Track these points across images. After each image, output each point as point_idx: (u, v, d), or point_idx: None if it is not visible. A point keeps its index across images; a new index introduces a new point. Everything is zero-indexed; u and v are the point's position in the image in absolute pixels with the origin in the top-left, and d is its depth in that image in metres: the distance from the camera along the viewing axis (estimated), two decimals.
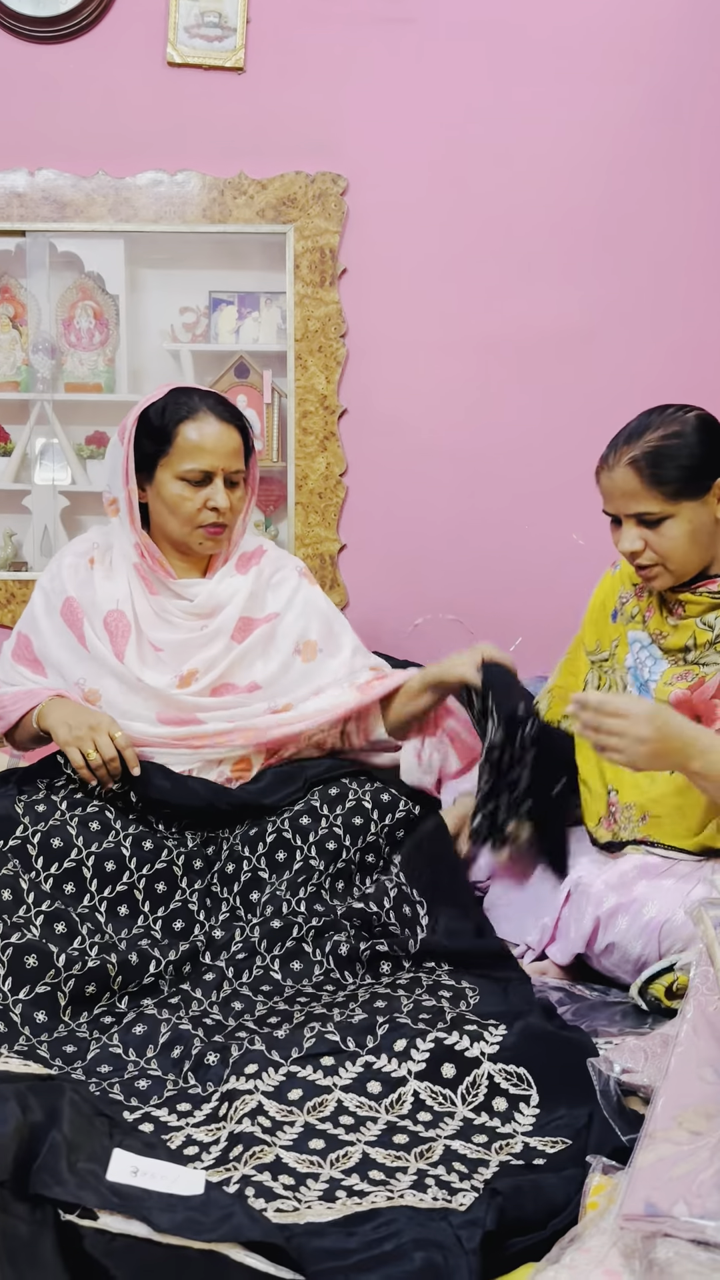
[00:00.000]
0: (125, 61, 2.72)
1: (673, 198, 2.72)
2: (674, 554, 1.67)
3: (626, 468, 1.65)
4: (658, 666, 1.77)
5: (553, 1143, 1.22)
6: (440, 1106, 1.28)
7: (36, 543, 2.91)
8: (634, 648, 1.82)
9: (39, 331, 2.85)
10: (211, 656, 1.92)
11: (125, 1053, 1.44)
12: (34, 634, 1.98)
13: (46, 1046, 1.46)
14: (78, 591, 1.94)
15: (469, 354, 2.80)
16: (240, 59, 2.71)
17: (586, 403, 2.79)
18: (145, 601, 1.94)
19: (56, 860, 1.69)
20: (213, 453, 1.86)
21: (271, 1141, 1.21)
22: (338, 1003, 1.50)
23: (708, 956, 1.11)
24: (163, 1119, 1.29)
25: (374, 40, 2.70)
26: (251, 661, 1.95)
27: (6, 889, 1.63)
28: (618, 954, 1.56)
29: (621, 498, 1.67)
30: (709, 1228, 0.85)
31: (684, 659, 1.74)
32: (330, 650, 1.99)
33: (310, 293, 2.76)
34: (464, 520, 2.85)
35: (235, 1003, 1.54)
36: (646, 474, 1.64)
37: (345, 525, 2.87)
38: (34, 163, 2.75)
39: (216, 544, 1.94)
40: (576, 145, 2.72)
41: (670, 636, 1.76)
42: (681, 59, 2.68)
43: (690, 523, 1.66)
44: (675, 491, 1.64)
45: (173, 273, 2.89)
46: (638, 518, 1.67)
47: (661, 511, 1.65)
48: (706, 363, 2.76)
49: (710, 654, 1.71)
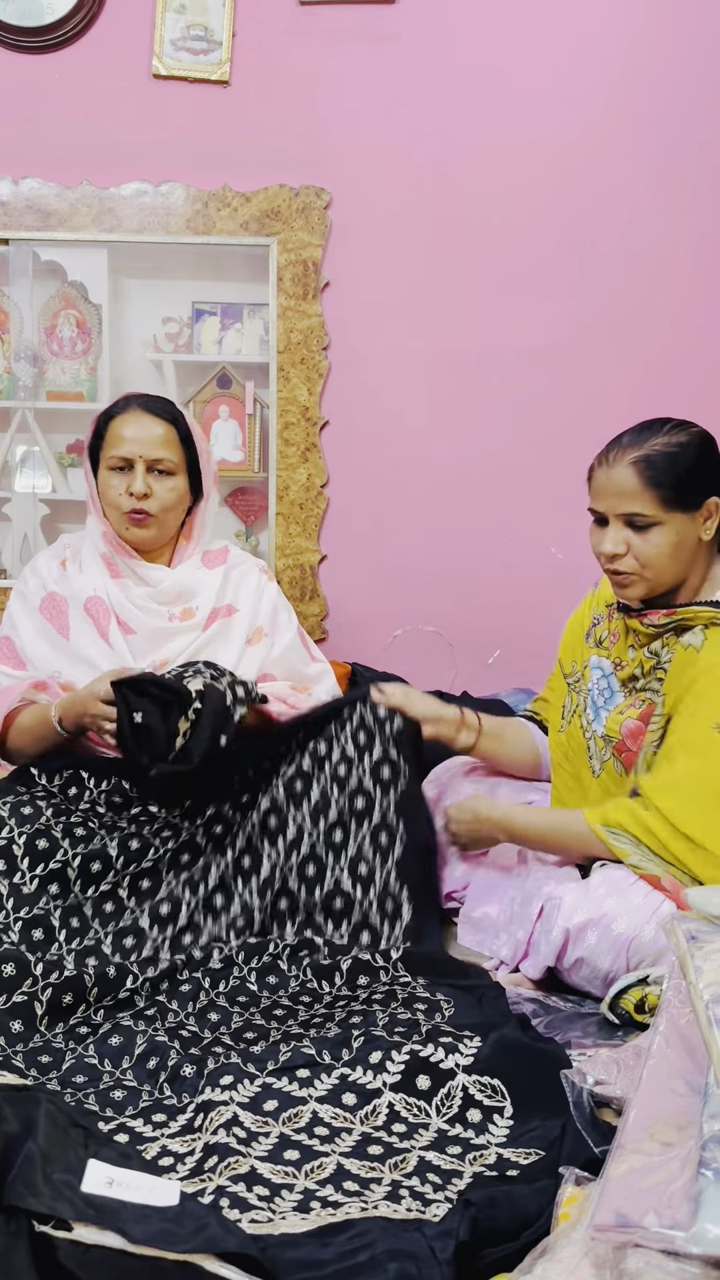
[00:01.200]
0: (111, 73, 2.74)
1: (654, 213, 2.76)
2: (655, 563, 1.67)
3: (628, 466, 1.65)
4: (614, 697, 1.80)
5: (526, 1154, 1.22)
6: (415, 1118, 1.28)
7: (16, 550, 2.90)
8: (594, 674, 1.84)
9: (21, 340, 2.85)
10: (182, 645, 2.01)
11: (101, 1063, 1.44)
12: (15, 635, 2.05)
13: (22, 1056, 1.46)
14: (57, 586, 2.04)
15: (450, 367, 2.82)
16: (225, 72, 2.73)
17: (567, 417, 2.82)
18: (114, 586, 2.03)
19: (42, 861, 1.70)
20: (133, 440, 1.98)
21: (246, 1152, 1.20)
22: (314, 1021, 1.51)
23: (680, 969, 1.12)
24: (138, 1129, 1.29)
25: (358, 56, 2.72)
26: (215, 650, 2.03)
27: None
28: (587, 969, 1.56)
29: (616, 496, 1.66)
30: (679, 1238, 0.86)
31: (634, 687, 1.76)
32: (272, 636, 2.09)
33: (293, 305, 2.78)
34: (444, 532, 2.86)
35: (211, 1014, 1.54)
36: (647, 475, 1.64)
37: (326, 536, 2.88)
38: (18, 171, 2.76)
39: (143, 531, 2.02)
40: (558, 161, 2.75)
41: (626, 667, 1.78)
42: (665, 75, 2.72)
43: (677, 534, 1.66)
44: (671, 499, 1.64)
45: (156, 283, 2.90)
46: (627, 519, 1.66)
47: (653, 516, 1.65)
48: (687, 377, 2.79)
49: (653, 681, 1.72)
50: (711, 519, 1.68)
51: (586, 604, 1.96)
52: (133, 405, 2.03)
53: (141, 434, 1.99)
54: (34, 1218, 0.96)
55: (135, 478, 1.98)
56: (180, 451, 2.02)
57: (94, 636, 1.98)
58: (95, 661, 1.96)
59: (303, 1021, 1.51)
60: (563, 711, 1.92)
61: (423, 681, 2.72)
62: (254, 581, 2.12)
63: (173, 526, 2.07)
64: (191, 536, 2.10)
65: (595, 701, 1.83)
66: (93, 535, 2.07)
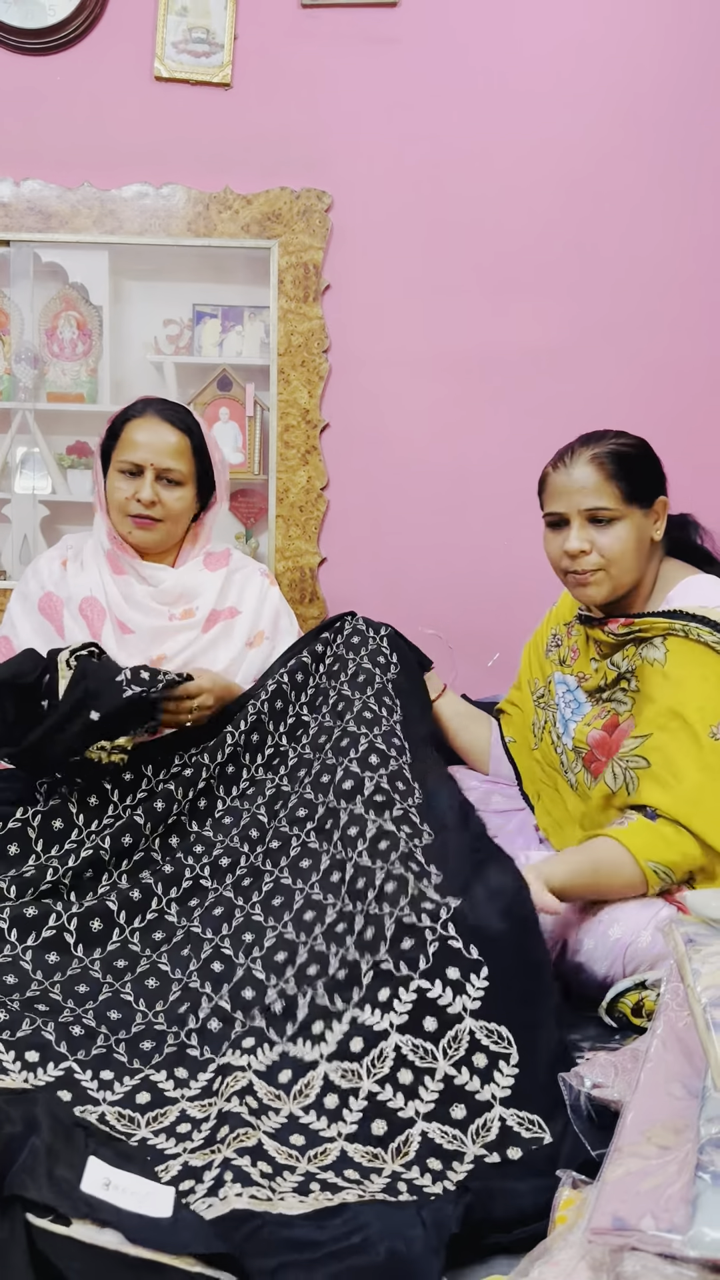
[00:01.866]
0: (113, 75, 2.74)
1: (655, 216, 2.76)
2: (619, 558, 1.70)
3: (588, 464, 1.70)
4: (581, 709, 1.83)
5: (527, 1124, 1.23)
6: (422, 1062, 1.28)
7: (15, 551, 2.90)
8: (559, 690, 1.89)
9: (22, 341, 2.85)
10: (180, 644, 2.03)
11: (135, 1002, 1.51)
12: (13, 635, 2.07)
13: (59, 987, 1.54)
14: (55, 587, 2.07)
15: (450, 370, 2.82)
16: (227, 75, 2.73)
17: (566, 419, 2.80)
18: (114, 585, 2.04)
19: (57, 843, 1.79)
20: (144, 448, 1.99)
21: (256, 1125, 1.23)
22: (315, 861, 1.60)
23: (678, 973, 1.12)
24: (161, 1086, 1.35)
25: (360, 59, 2.72)
26: (216, 652, 2.05)
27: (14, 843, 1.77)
28: (583, 974, 1.56)
29: (579, 493, 1.70)
30: (675, 1241, 0.86)
31: (600, 698, 1.80)
32: (274, 640, 2.11)
33: (294, 308, 2.78)
34: (444, 535, 2.87)
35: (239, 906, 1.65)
36: (608, 469, 1.69)
37: (326, 538, 2.88)
38: (20, 173, 2.76)
39: (147, 535, 2.04)
40: (559, 164, 2.75)
41: (590, 679, 1.82)
42: (666, 78, 2.72)
43: (636, 530, 1.71)
44: (630, 494, 1.70)
45: (157, 285, 2.90)
46: (590, 515, 1.70)
47: (615, 510, 1.69)
48: (687, 379, 2.80)
49: (618, 692, 1.75)
50: (660, 520, 1.74)
51: (546, 623, 2.01)
52: (150, 410, 2.03)
53: (154, 441, 2.00)
54: (32, 1211, 0.97)
55: (143, 485, 1.99)
56: (191, 462, 2.03)
57: (86, 638, 1.99)
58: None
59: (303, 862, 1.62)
60: (533, 729, 1.96)
61: None
62: (257, 585, 2.14)
63: (177, 533, 2.08)
64: (196, 542, 2.12)
65: (564, 715, 1.86)
66: (98, 532, 2.09)
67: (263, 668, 2.07)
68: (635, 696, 1.72)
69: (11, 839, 1.78)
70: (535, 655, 2.01)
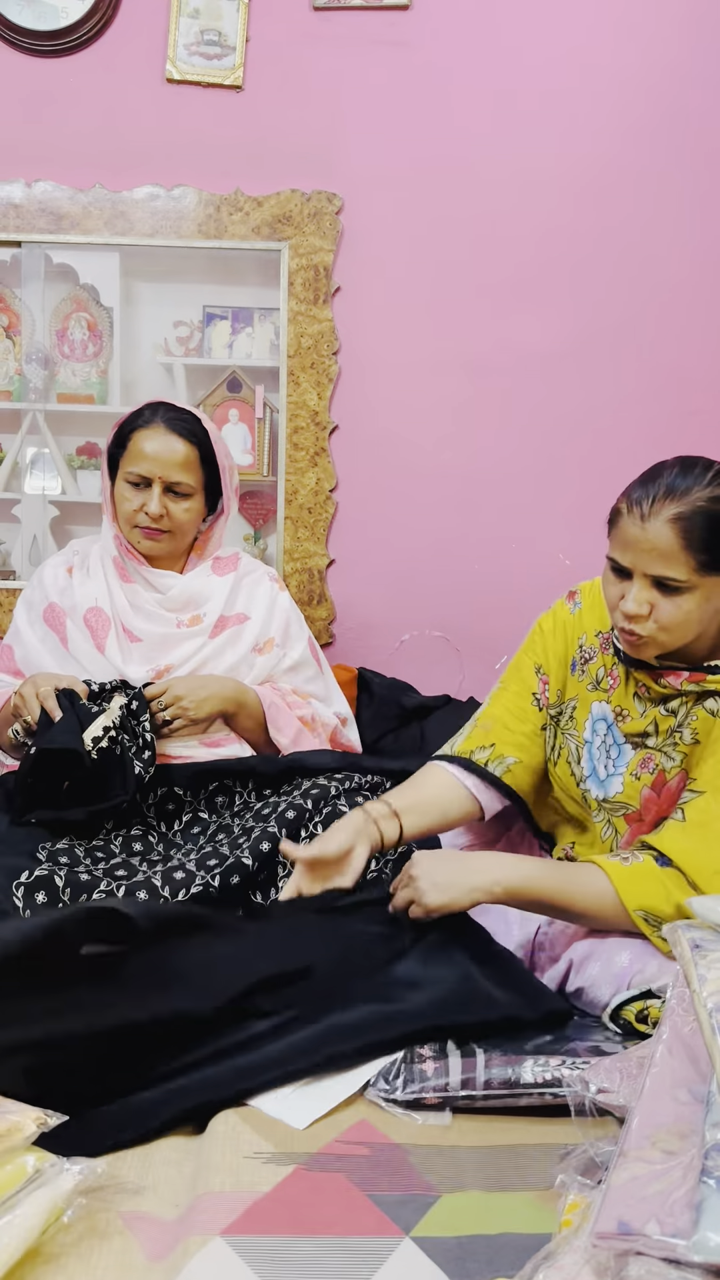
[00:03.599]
0: (125, 77, 2.75)
1: (662, 221, 2.76)
2: (677, 629, 1.50)
3: (667, 524, 1.45)
4: (621, 756, 1.64)
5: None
6: None
7: (25, 552, 2.91)
8: (598, 726, 1.67)
9: (32, 342, 2.86)
10: (188, 651, 2.02)
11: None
12: (17, 644, 2.06)
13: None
14: (59, 597, 2.06)
15: (460, 373, 2.82)
16: (239, 77, 2.73)
17: (576, 423, 2.82)
18: (121, 593, 2.04)
19: None
20: (153, 460, 1.97)
21: None
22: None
23: (683, 978, 1.12)
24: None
25: (371, 62, 2.73)
26: (223, 658, 2.05)
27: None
28: (586, 998, 1.50)
29: (650, 554, 1.46)
30: (680, 1246, 0.86)
31: (644, 743, 1.62)
32: (284, 648, 2.11)
33: (304, 310, 2.78)
34: (452, 538, 2.87)
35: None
36: (686, 537, 1.44)
37: (334, 540, 2.88)
38: (31, 174, 2.77)
39: (155, 545, 2.04)
40: (570, 168, 2.75)
41: (631, 720, 1.63)
42: (675, 84, 2.72)
43: (707, 600, 1.49)
44: (707, 563, 1.46)
45: (167, 287, 2.91)
46: (657, 580, 1.48)
47: (686, 581, 1.46)
48: (697, 386, 2.79)
49: (669, 743, 1.59)
50: None
51: (568, 624, 1.76)
52: (158, 420, 2.00)
53: (163, 454, 1.97)
54: None
55: (152, 498, 1.98)
56: (199, 474, 2.02)
57: (89, 648, 1.99)
58: (89, 671, 1.98)
59: None
60: (547, 755, 1.75)
61: (429, 686, 2.72)
62: (266, 591, 2.13)
63: (185, 542, 2.08)
64: (205, 550, 2.11)
65: (594, 754, 1.67)
66: (105, 538, 2.08)
67: (270, 674, 2.07)
68: (689, 750, 1.56)
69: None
70: (558, 660, 1.75)
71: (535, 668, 1.76)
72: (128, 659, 2.01)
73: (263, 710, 2.00)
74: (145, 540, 2.02)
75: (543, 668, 1.75)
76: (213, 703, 1.94)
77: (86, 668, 1.99)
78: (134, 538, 2.03)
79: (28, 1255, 0.99)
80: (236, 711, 1.99)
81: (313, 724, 2.05)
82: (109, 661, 1.99)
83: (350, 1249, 1.04)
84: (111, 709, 1.83)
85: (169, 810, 1.89)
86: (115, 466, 2.04)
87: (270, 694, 2.03)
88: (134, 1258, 1.03)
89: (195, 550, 2.12)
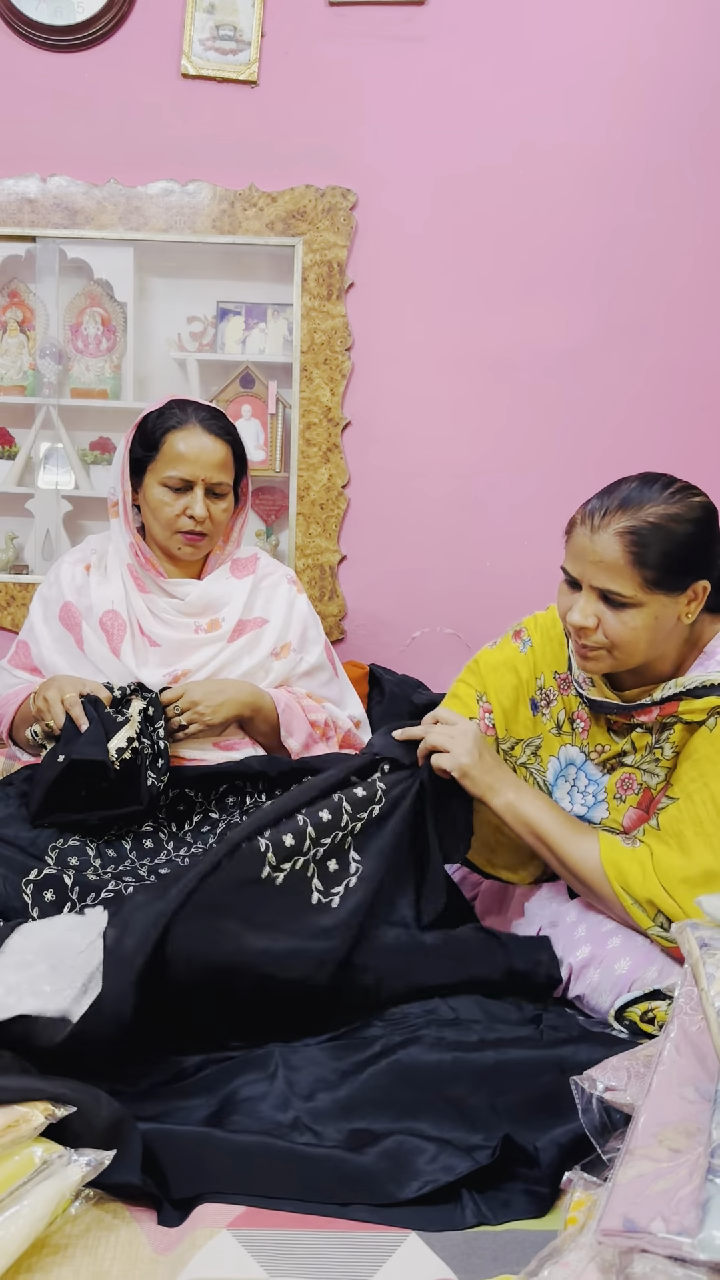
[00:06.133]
0: (140, 72, 2.75)
1: (677, 217, 2.75)
2: (626, 645, 1.48)
3: (615, 537, 1.44)
4: (595, 784, 1.63)
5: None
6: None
7: (38, 546, 2.92)
8: (566, 771, 1.67)
9: (46, 337, 2.87)
10: (206, 657, 2.00)
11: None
12: (32, 641, 2.04)
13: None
14: (75, 597, 2.03)
15: (473, 370, 2.82)
16: (254, 73, 2.73)
17: (589, 421, 2.81)
18: (139, 600, 2.01)
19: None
20: (194, 463, 1.94)
21: None
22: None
23: (691, 976, 1.12)
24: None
25: (385, 58, 2.72)
26: (241, 662, 2.04)
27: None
28: (587, 1005, 1.51)
29: (595, 566, 1.46)
30: (686, 1244, 0.86)
31: (621, 762, 1.61)
32: (300, 652, 2.09)
33: (317, 305, 2.78)
34: (463, 535, 2.86)
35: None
36: (634, 552, 1.43)
37: (346, 536, 2.89)
38: (46, 169, 2.78)
39: (195, 550, 2.02)
40: (583, 164, 2.75)
41: (610, 748, 1.62)
42: (688, 81, 2.71)
43: (655, 617, 1.47)
44: (655, 580, 1.44)
45: (181, 282, 2.91)
46: (603, 594, 1.47)
47: (632, 597, 1.45)
48: (706, 380, 2.78)
49: (648, 761, 1.58)
50: (695, 602, 1.49)
51: (521, 662, 1.72)
52: (191, 421, 1.97)
53: (204, 456, 1.95)
54: None
55: (196, 501, 1.95)
56: (234, 472, 2.01)
57: (104, 651, 1.97)
58: (104, 673, 1.96)
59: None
60: None
61: (440, 683, 2.72)
62: (285, 594, 2.11)
63: (218, 541, 2.07)
64: (225, 548, 2.09)
65: (565, 798, 1.67)
66: (118, 543, 2.04)
67: (286, 677, 2.06)
68: (671, 763, 1.56)
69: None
70: (505, 696, 1.71)
71: (477, 695, 1.74)
72: (143, 663, 1.98)
73: (278, 714, 1.99)
74: (186, 546, 1.99)
75: (485, 696, 1.73)
76: (229, 707, 1.93)
77: (101, 669, 1.97)
78: (174, 543, 1.99)
79: (35, 1246, 0.99)
80: (252, 715, 1.98)
81: (327, 729, 2.04)
82: (124, 665, 1.97)
83: (356, 1243, 1.04)
84: (133, 718, 1.82)
85: (180, 811, 1.89)
86: (140, 469, 2.00)
87: (286, 697, 2.01)
88: (141, 1250, 1.03)
89: (215, 548, 2.10)
